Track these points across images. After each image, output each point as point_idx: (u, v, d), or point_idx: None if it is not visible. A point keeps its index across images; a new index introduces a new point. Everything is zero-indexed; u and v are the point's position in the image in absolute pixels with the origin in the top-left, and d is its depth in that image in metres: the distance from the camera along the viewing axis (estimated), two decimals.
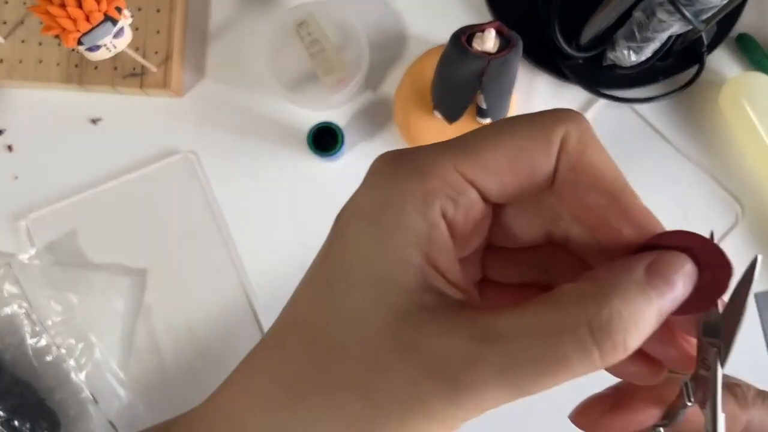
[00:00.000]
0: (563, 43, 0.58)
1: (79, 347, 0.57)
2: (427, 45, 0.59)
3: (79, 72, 0.59)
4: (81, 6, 0.45)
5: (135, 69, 0.58)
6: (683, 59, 0.60)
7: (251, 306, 0.59)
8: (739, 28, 0.60)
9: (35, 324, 0.57)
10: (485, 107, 0.53)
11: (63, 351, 0.57)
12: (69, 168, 0.60)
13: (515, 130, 0.19)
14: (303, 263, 0.21)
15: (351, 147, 0.60)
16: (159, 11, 0.59)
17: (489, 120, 0.55)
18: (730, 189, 0.61)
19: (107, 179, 0.60)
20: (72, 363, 0.57)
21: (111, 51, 0.50)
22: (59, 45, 0.59)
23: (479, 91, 0.50)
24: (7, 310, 0.57)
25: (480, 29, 0.45)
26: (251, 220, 0.60)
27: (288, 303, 0.20)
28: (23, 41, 0.59)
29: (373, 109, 0.61)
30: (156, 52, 0.59)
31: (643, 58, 0.56)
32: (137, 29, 0.58)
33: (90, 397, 0.57)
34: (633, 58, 0.56)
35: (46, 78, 0.59)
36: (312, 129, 0.57)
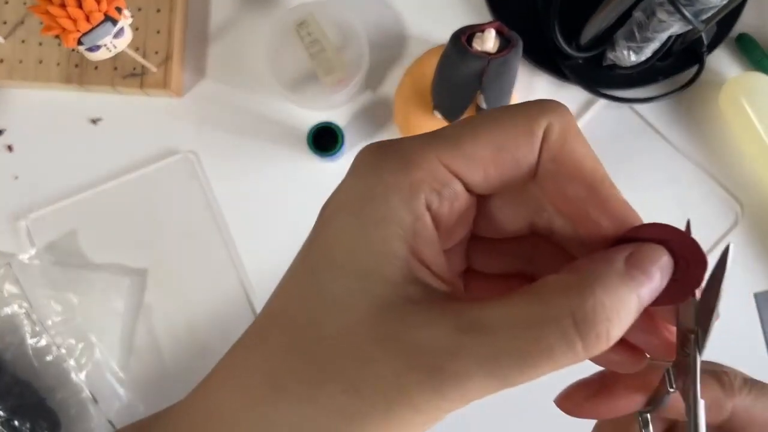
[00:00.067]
0: (563, 43, 0.58)
1: (79, 347, 0.57)
2: (427, 45, 0.59)
3: (79, 72, 0.59)
4: (81, 6, 0.45)
5: (135, 69, 0.58)
6: (683, 59, 0.60)
7: (251, 305, 0.59)
8: (739, 28, 0.60)
9: (35, 324, 0.57)
10: (485, 107, 0.53)
11: (63, 351, 0.57)
12: (69, 168, 0.60)
13: (499, 121, 0.19)
14: None
15: (351, 147, 0.60)
16: (159, 11, 0.59)
17: None
18: (729, 189, 0.61)
19: (107, 179, 0.60)
20: (72, 363, 0.57)
21: (111, 51, 0.50)
22: (59, 45, 0.59)
23: (479, 91, 0.50)
24: (7, 310, 0.57)
25: (480, 29, 0.45)
26: (251, 220, 0.60)
27: (271, 295, 0.20)
28: (23, 41, 0.59)
29: (373, 109, 0.61)
30: (156, 52, 0.59)
31: (643, 58, 0.56)
32: (137, 29, 0.58)
33: (90, 397, 0.57)
34: (633, 58, 0.56)
35: (46, 78, 0.59)
36: (312, 129, 0.57)
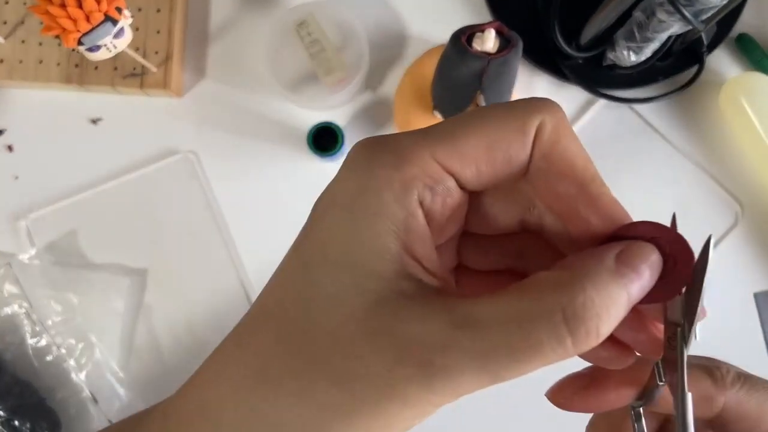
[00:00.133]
0: (563, 43, 0.58)
1: (79, 347, 0.57)
2: (427, 45, 0.59)
3: (79, 72, 0.59)
4: (81, 6, 0.45)
5: (135, 69, 0.58)
6: (683, 59, 0.60)
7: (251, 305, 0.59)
8: (739, 28, 0.60)
9: (35, 324, 0.57)
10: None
11: (63, 351, 0.57)
12: (69, 168, 0.60)
13: (492, 119, 0.19)
14: None
15: (351, 147, 0.60)
16: (159, 11, 0.59)
17: None
18: (729, 189, 0.61)
19: (107, 179, 0.60)
20: (72, 363, 0.57)
21: (111, 51, 0.50)
22: (59, 45, 0.59)
23: (479, 91, 0.50)
24: (8, 310, 0.57)
25: (480, 29, 0.45)
26: (251, 220, 0.60)
27: (263, 289, 0.20)
28: (23, 41, 0.59)
29: (373, 109, 0.61)
30: (156, 52, 0.59)
31: (643, 58, 0.56)
32: (137, 29, 0.58)
33: (90, 397, 0.57)
34: (633, 58, 0.56)
35: (46, 78, 0.59)
36: (312, 129, 0.57)
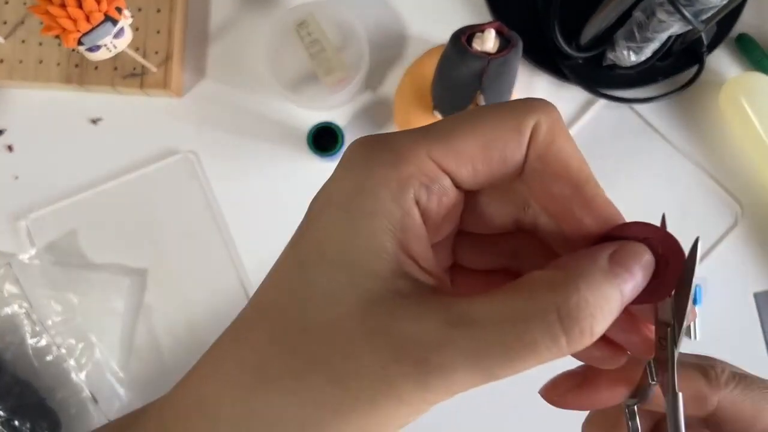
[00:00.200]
0: (563, 43, 0.58)
1: (79, 347, 0.57)
2: (427, 45, 0.59)
3: (79, 72, 0.59)
4: (81, 6, 0.45)
5: (135, 69, 0.58)
6: (683, 59, 0.60)
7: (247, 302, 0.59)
8: (739, 28, 0.60)
9: (35, 324, 0.57)
10: None
11: (63, 351, 0.57)
12: (69, 168, 0.60)
13: (488, 119, 0.19)
14: None
15: None
16: (159, 11, 0.59)
17: None
18: (729, 189, 0.61)
19: (107, 179, 0.60)
20: (72, 363, 0.57)
21: (111, 51, 0.50)
22: (59, 45, 0.59)
23: (479, 91, 0.50)
24: (8, 310, 0.57)
25: (480, 29, 0.45)
26: (251, 220, 0.60)
27: (259, 287, 0.20)
28: (23, 41, 0.59)
29: (373, 109, 0.61)
30: (156, 52, 0.59)
31: (643, 58, 0.56)
32: (137, 29, 0.58)
33: (90, 397, 0.57)
34: (633, 58, 0.56)
35: (46, 78, 0.59)
36: (312, 129, 0.57)
